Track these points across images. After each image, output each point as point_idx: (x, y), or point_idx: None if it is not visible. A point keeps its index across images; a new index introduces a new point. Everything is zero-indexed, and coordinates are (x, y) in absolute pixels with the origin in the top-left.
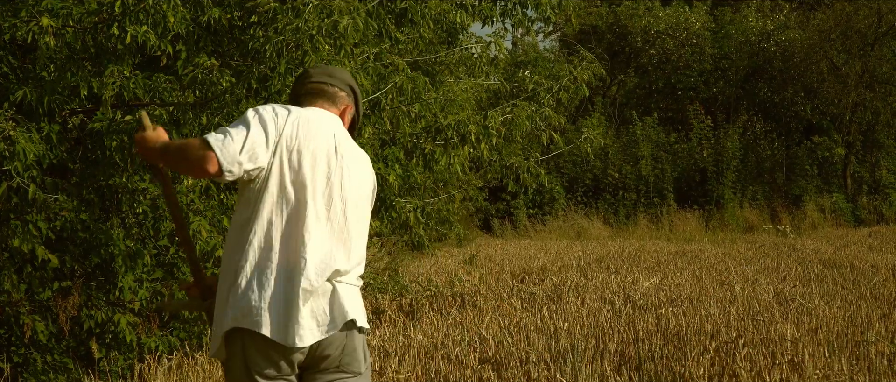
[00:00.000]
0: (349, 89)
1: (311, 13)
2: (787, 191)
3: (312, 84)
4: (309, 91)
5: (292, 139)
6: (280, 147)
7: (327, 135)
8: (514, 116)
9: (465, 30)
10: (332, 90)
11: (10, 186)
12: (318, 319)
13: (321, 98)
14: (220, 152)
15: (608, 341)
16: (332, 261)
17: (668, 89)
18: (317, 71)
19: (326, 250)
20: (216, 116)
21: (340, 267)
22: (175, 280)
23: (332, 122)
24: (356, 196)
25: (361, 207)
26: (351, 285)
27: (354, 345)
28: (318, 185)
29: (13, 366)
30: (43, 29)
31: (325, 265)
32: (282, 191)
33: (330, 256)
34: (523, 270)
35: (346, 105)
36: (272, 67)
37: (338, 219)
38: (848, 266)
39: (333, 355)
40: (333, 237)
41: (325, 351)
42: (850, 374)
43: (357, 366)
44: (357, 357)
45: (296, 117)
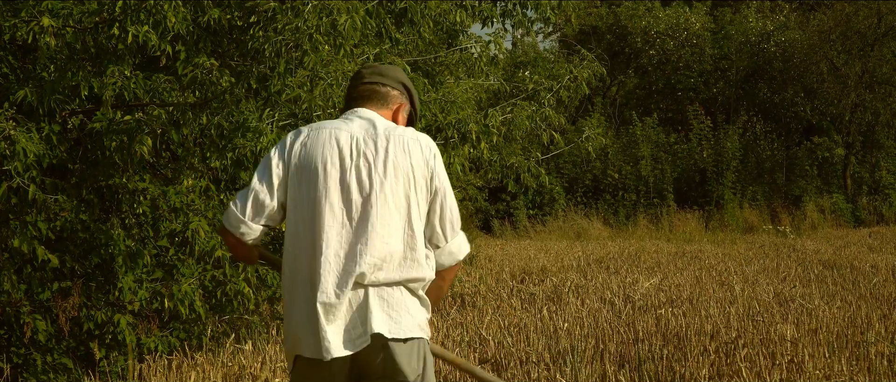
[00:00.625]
0: (402, 87)
1: (311, 13)
2: (787, 191)
3: (364, 86)
4: (360, 94)
5: (301, 159)
6: (291, 174)
7: (344, 138)
8: (515, 115)
9: (465, 30)
10: (383, 90)
11: (10, 186)
12: (349, 333)
13: (372, 100)
14: (226, 223)
15: (608, 341)
16: (352, 267)
17: (668, 90)
18: (369, 72)
19: (346, 253)
20: (216, 116)
21: (364, 270)
22: (174, 281)
23: (355, 123)
24: (388, 188)
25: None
26: (393, 287)
27: (396, 355)
28: (332, 189)
29: (13, 366)
30: (43, 29)
31: (345, 273)
32: (296, 210)
33: (351, 260)
34: (523, 270)
35: (398, 104)
36: (272, 66)
37: (358, 219)
38: (848, 267)
39: (376, 365)
40: (355, 238)
41: (368, 362)
42: (850, 374)
43: (402, 376)
44: (402, 367)
45: (305, 137)
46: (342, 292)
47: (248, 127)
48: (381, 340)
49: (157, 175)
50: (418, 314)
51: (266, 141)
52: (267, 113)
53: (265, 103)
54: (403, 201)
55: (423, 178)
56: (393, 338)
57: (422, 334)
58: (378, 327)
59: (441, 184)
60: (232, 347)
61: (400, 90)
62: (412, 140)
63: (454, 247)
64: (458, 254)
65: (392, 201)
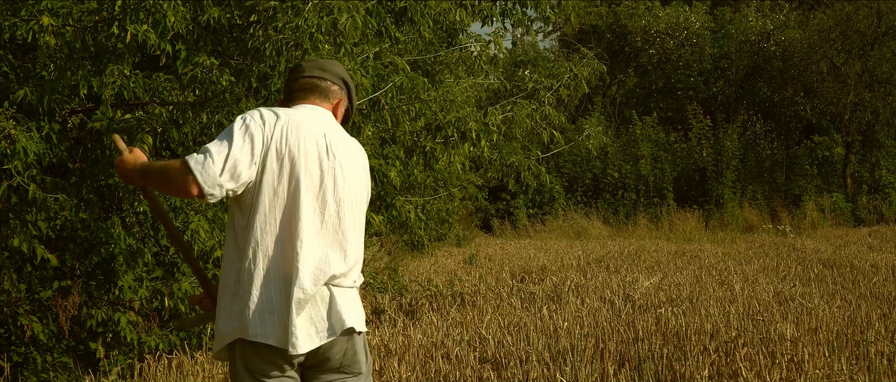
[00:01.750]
0: (341, 82)
1: (311, 11)
2: (787, 191)
3: (304, 79)
4: (301, 87)
5: (282, 145)
6: (269, 156)
7: (318, 136)
8: (514, 114)
9: (465, 29)
10: (324, 84)
11: (10, 185)
12: (316, 326)
13: (313, 94)
14: (199, 176)
15: (608, 340)
16: (327, 267)
17: (667, 89)
18: (309, 65)
19: (321, 255)
20: (216, 115)
21: (336, 271)
22: (175, 280)
23: (323, 120)
24: (350, 196)
25: (357, 205)
26: (349, 288)
27: (356, 348)
28: (310, 189)
29: (13, 365)
30: (43, 28)
31: (319, 271)
32: (274, 198)
33: (325, 261)
34: (523, 269)
35: (338, 99)
36: (272, 65)
37: (332, 222)
38: (848, 266)
39: (335, 358)
40: (328, 241)
41: (326, 355)
42: (850, 374)
43: (358, 367)
44: (358, 359)
45: (285, 122)
46: (316, 287)
47: None
48: (350, 333)
49: None
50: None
51: None
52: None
53: (265, 102)
54: (360, 217)
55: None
56: (359, 331)
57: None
58: (350, 321)
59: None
60: None
61: (339, 85)
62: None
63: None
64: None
65: (356, 217)
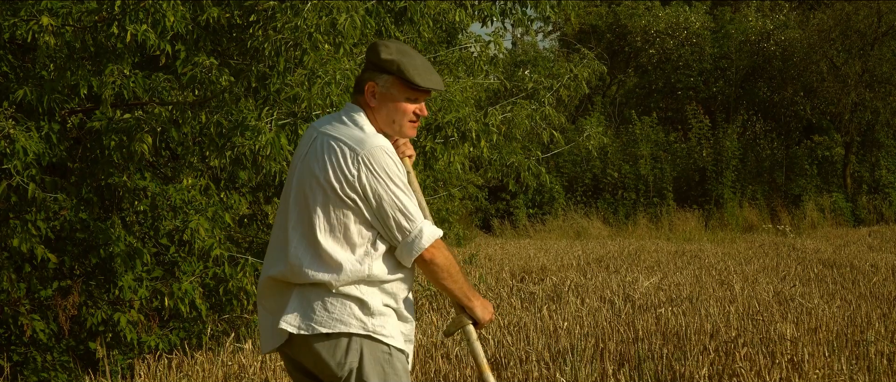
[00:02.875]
0: (367, 63)
1: (310, 11)
2: (787, 191)
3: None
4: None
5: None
6: None
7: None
8: (514, 114)
9: (465, 29)
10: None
11: (9, 184)
12: (273, 328)
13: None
14: None
15: (608, 340)
16: (270, 266)
17: (667, 89)
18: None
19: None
20: (215, 115)
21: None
22: (175, 279)
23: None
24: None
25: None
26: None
27: (319, 352)
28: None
29: (13, 365)
30: (43, 28)
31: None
32: None
33: (270, 261)
34: (523, 269)
35: (365, 85)
36: (271, 65)
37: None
38: (847, 266)
39: (308, 361)
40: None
41: (300, 358)
42: (850, 374)
43: (330, 371)
44: (326, 361)
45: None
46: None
47: (246, 126)
48: (300, 337)
49: (157, 174)
50: (340, 311)
51: (264, 140)
52: (266, 112)
53: (264, 102)
54: (306, 205)
55: (333, 182)
56: (302, 333)
57: (345, 329)
58: (285, 323)
59: (371, 192)
60: (232, 346)
61: (364, 67)
62: (337, 142)
63: (405, 245)
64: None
65: (303, 204)
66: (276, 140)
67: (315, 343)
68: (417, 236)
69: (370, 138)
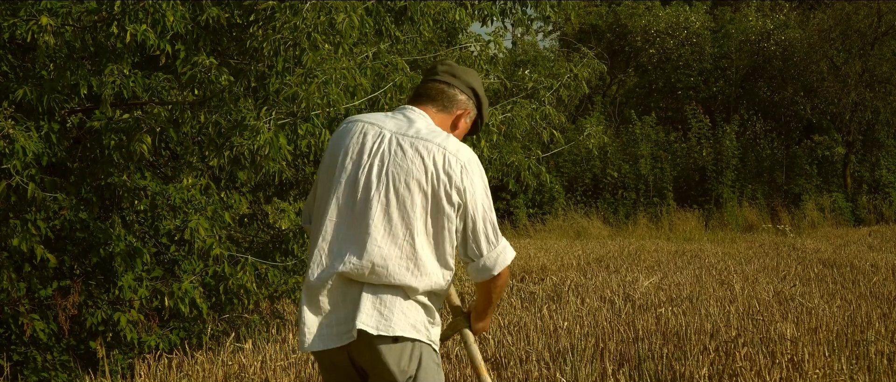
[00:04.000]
0: (470, 92)
1: (309, 11)
2: (787, 190)
3: (431, 84)
4: (425, 91)
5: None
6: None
7: (368, 133)
8: (514, 113)
9: (465, 29)
10: (451, 92)
11: (9, 184)
12: (337, 326)
13: (434, 101)
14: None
15: (608, 340)
16: (336, 263)
17: (667, 89)
18: (442, 69)
19: (336, 250)
20: (214, 114)
21: (347, 268)
22: (175, 279)
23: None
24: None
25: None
26: (389, 290)
27: (383, 354)
28: (342, 183)
29: (13, 364)
30: (42, 28)
31: (331, 266)
32: (320, 195)
33: (337, 256)
34: (523, 269)
35: (463, 110)
36: (270, 65)
37: (360, 213)
38: (848, 266)
39: (364, 364)
40: (351, 235)
41: (360, 360)
42: (850, 374)
43: (390, 375)
44: (390, 366)
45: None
46: (323, 283)
47: (245, 125)
48: (367, 337)
49: (157, 174)
50: (413, 316)
51: (263, 139)
52: (264, 111)
53: (263, 102)
54: (407, 208)
55: (435, 188)
56: (379, 335)
57: (415, 335)
58: (362, 323)
59: (469, 199)
60: (232, 346)
61: (468, 95)
62: (438, 147)
63: (489, 261)
64: (492, 269)
65: (394, 205)
66: (275, 140)
67: (381, 345)
68: (502, 251)
69: (464, 146)
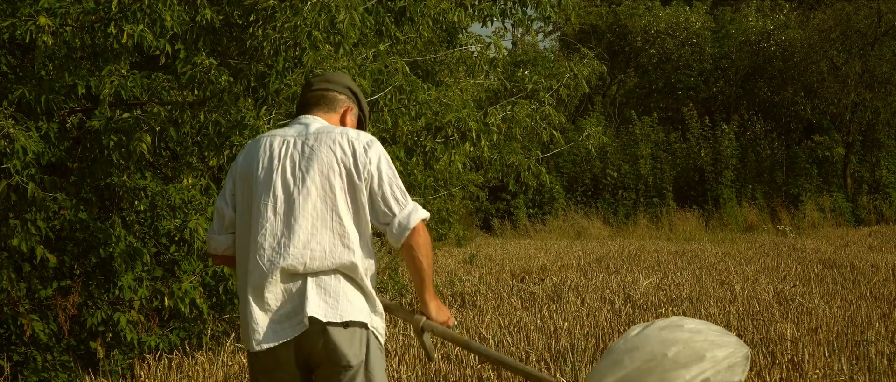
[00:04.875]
0: (348, 91)
1: (310, 11)
2: (787, 190)
3: (312, 93)
4: (308, 101)
5: (243, 167)
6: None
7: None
8: (514, 113)
9: (465, 29)
10: (330, 95)
11: (8, 183)
12: (288, 320)
13: (319, 105)
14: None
15: (608, 340)
16: (276, 257)
17: (667, 89)
18: (317, 80)
19: (274, 246)
20: (214, 114)
21: (291, 262)
22: (175, 279)
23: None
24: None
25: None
26: (329, 275)
27: (336, 339)
28: (260, 189)
29: (13, 365)
30: (41, 28)
31: (270, 263)
32: (240, 211)
33: (275, 253)
34: (523, 269)
35: (345, 107)
36: (270, 65)
37: (283, 211)
38: (848, 266)
39: (318, 351)
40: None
41: (311, 349)
42: (850, 374)
43: (346, 360)
44: (343, 351)
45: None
46: (267, 280)
47: (245, 125)
48: (319, 325)
49: (157, 174)
50: (358, 302)
51: None
52: (264, 111)
53: (263, 101)
54: (328, 193)
55: (347, 168)
56: (329, 322)
57: (362, 319)
58: (312, 311)
59: (374, 169)
60: (232, 346)
61: (346, 94)
62: (338, 134)
63: (402, 218)
64: (407, 224)
65: (316, 194)
66: None
67: (332, 331)
68: (413, 209)
69: (363, 132)
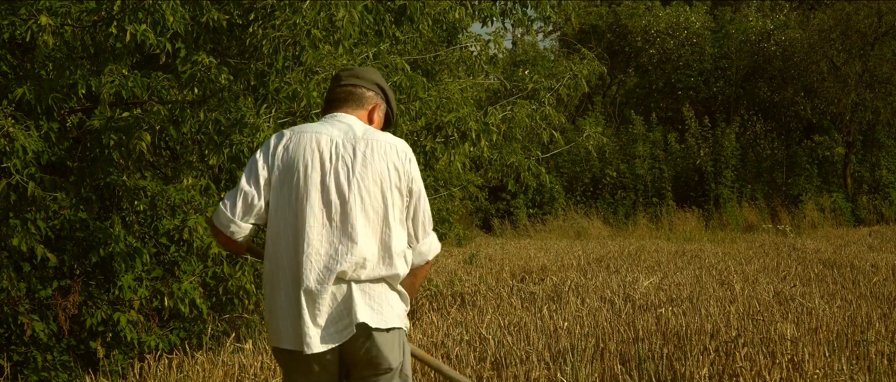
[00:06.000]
0: (377, 88)
1: (309, 9)
2: (787, 190)
3: (340, 89)
4: (335, 97)
5: (285, 159)
6: (274, 173)
7: (322, 141)
8: (514, 113)
9: (465, 29)
10: (358, 92)
11: (8, 183)
12: (335, 325)
13: (349, 102)
14: (216, 222)
15: (608, 340)
16: (334, 264)
17: (667, 89)
18: (345, 74)
19: (329, 252)
20: (214, 113)
21: (346, 267)
22: (175, 279)
23: (340, 126)
24: (363, 190)
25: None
26: (373, 283)
27: (377, 345)
28: (312, 191)
29: (13, 364)
30: (42, 27)
31: (326, 269)
32: (280, 210)
33: (332, 259)
34: (523, 269)
35: (374, 104)
36: (269, 63)
37: (339, 217)
38: (848, 266)
39: (359, 356)
40: (337, 238)
41: (353, 352)
42: (850, 374)
43: (386, 363)
44: (383, 356)
45: (287, 140)
46: (323, 286)
47: (245, 123)
48: (366, 329)
49: (157, 174)
50: (398, 307)
51: (262, 137)
52: (264, 109)
53: (263, 100)
54: (380, 203)
55: (398, 180)
56: (376, 328)
57: (401, 324)
58: (362, 316)
59: (416, 187)
60: (232, 346)
61: (375, 91)
62: (389, 145)
63: (425, 248)
64: (427, 254)
65: (369, 203)
66: None
67: (378, 337)
68: (433, 242)
69: (400, 139)
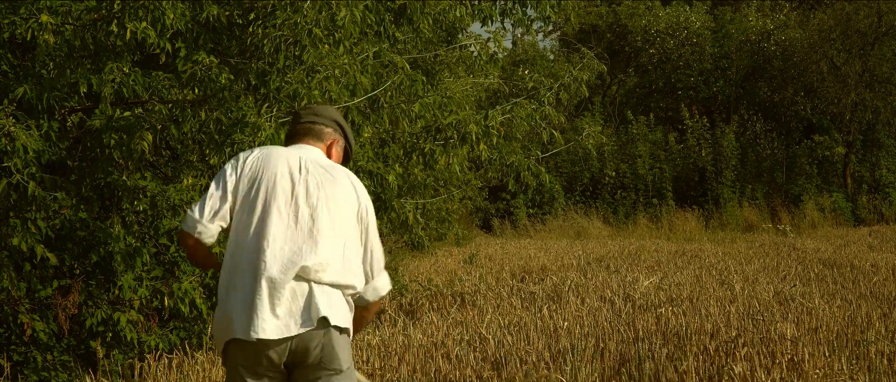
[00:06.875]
0: (335, 124)
1: (310, 8)
2: (787, 190)
3: (300, 125)
4: (296, 132)
5: (252, 170)
6: (241, 181)
7: (291, 159)
8: (514, 114)
9: (465, 29)
10: (317, 128)
11: (9, 182)
12: (294, 318)
13: (308, 136)
14: (184, 227)
15: (608, 340)
16: (298, 258)
17: (667, 89)
18: (305, 113)
19: (293, 249)
20: (215, 113)
21: (309, 262)
22: (175, 279)
23: (304, 152)
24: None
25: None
26: (332, 287)
27: (333, 344)
28: (279, 195)
29: (13, 364)
30: (42, 26)
31: (290, 262)
32: (245, 209)
33: (297, 254)
34: (523, 269)
35: (332, 139)
36: (270, 63)
37: (305, 223)
38: (848, 266)
39: (313, 353)
40: (302, 238)
41: (305, 348)
42: (850, 374)
43: (337, 364)
44: (337, 356)
45: (258, 153)
46: (286, 275)
47: (246, 122)
48: (325, 325)
49: (157, 174)
50: (349, 314)
51: (264, 136)
52: (265, 108)
53: (264, 99)
54: (341, 224)
55: (357, 210)
56: (335, 326)
57: (350, 329)
58: (324, 312)
59: (370, 224)
60: None
61: (333, 127)
62: (351, 178)
63: (379, 283)
64: (381, 290)
65: (334, 220)
66: (276, 136)
67: (335, 336)
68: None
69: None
